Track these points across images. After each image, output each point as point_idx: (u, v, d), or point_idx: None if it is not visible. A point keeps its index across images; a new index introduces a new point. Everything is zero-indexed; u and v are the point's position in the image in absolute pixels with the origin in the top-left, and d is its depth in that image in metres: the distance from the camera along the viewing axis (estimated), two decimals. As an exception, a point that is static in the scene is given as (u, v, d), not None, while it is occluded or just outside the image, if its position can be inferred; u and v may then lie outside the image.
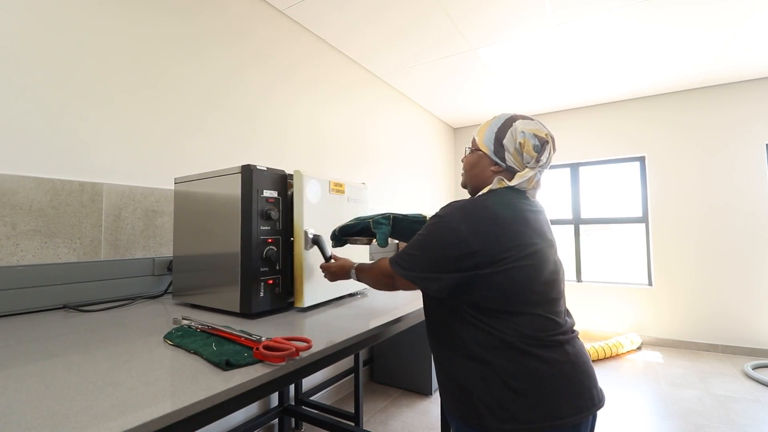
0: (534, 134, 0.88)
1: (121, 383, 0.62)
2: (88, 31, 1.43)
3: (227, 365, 0.69)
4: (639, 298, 3.75)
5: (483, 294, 0.81)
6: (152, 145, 1.61)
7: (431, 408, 2.42)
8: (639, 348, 3.53)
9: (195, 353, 0.77)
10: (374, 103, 3.20)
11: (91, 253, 1.39)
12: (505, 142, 0.90)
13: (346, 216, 1.34)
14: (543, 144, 0.88)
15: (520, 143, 0.88)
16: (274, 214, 1.12)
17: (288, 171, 1.23)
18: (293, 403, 2.14)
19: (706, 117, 3.55)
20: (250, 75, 2.07)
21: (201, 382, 0.63)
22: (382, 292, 1.57)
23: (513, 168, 0.90)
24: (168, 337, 0.87)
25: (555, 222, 4.27)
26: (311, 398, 2.24)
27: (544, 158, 0.88)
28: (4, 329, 0.99)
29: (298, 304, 1.18)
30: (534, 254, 0.83)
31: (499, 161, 0.90)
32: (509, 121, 0.91)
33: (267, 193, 1.12)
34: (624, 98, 3.87)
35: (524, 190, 0.91)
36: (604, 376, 2.92)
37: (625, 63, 3.04)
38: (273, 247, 1.12)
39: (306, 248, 1.19)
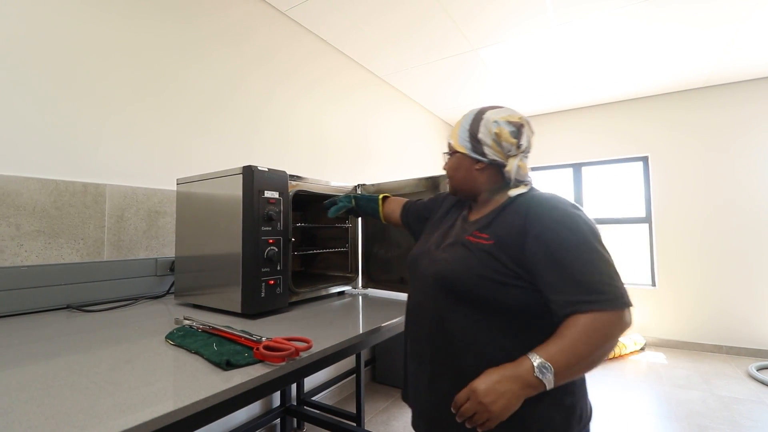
0: (507, 121, 0.82)
1: (123, 383, 0.63)
2: (91, 35, 1.44)
3: (227, 365, 0.70)
4: (642, 298, 3.73)
5: None
6: (155, 147, 1.62)
7: (433, 408, 2.42)
8: (642, 349, 3.52)
9: (196, 353, 0.78)
10: (376, 104, 3.21)
11: (94, 254, 1.40)
12: (480, 136, 0.84)
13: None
14: (519, 128, 0.82)
15: (496, 133, 0.82)
16: (275, 214, 1.12)
17: (290, 172, 1.23)
18: (295, 403, 2.15)
19: (710, 116, 3.53)
20: (252, 77, 2.08)
21: (201, 381, 0.64)
22: (382, 291, 1.57)
23: (496, 161, 0.83)
24: (169, 337, 0.88)
25: (557, 222, 4.26)
26: (313, 398, 2.24)
27: (524, 143, 0.82)
28: (7, 329, 1.00)
29: None
30: None
31: (480, 157, 0.85)
32: (479, 115, 0.86)
33: (268, 194, 1.12)
34: (627, 98, 3.85)
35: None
36: (606, 377, 2.91)
37: (627, 62, 3.03)
38: (274, 248, 1.12)
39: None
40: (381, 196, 1.25)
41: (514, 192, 0.81)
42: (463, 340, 0.77)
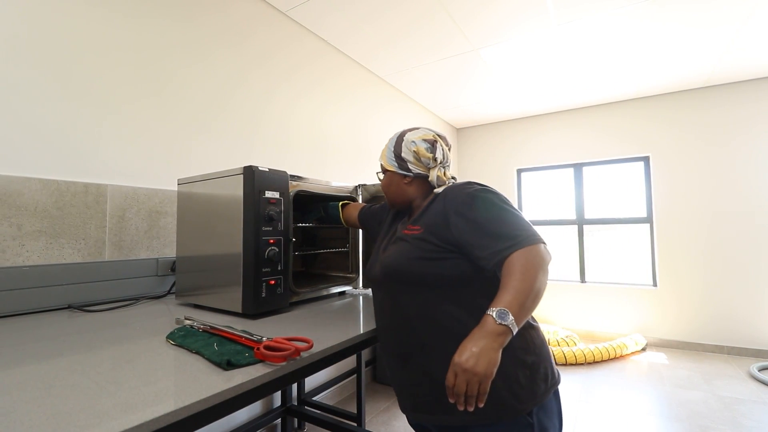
0: (422, 139, 0.98)
1: (124, 383, 0.63)
2: (92, 34, 1.44)
3: (228, 365, 0.70)
4: (643, 298, 3.72)
5: None
6: (156, 147, 1.62)
7: (434, 409, 2.41)
8: (643, 349, 3.51)
9: (197, 353, 0.78)
10: (376, 104, 3.21)
11: (96, 254, 1.40)
12: (403, 155, 0.99)
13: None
14: (433, 144, 0.98)
15: (414, 151, 0.97)
16: (275, 214, 1.12)
17: (290, 172, 1.23)
18: (296, 403, 2.15)
19: (711, 116, 3.53)
20: (252, 77, 2.08)
21: (202, 381, 0.64)
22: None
23: (420, 174, 0.98)
24: (170, 337, 0.88)
25: (559, 222, 4.26)
26: (314, 398, 2.25)
27: (439, 155, 0.97)
28: (9, 329, 1.01)
29: None
30: None
31: (405, 173, 0.99)
32: (400, 137, 1.01)
33: (269, 194, 1.12)
34: (628, 98, 3.85)
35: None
36: (608, 377, 2.91)
37: (628, 62, 3.02)
38: (275, 248, 1.12)
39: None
40: (341, 203, 1.41)
41: (438, 190, 0.96)
42: (420, 320, 0.86)
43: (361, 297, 1.47)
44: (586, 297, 3.98)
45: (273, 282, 1.12)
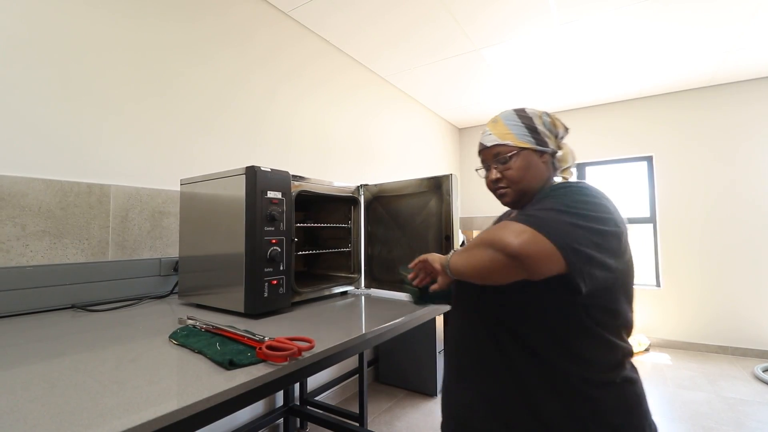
0: (545, 112, 0.86)
1: (127, 382, 0.63)
2: (95, 35, 1.45)
3: (230, 365, 0.70)
4: (647, 299, 3.71)
5: (614, 295, 0.69)
6: (159, 148, 1.63)
7: (435, 409, 2.42)
8: (647, 350, 3.50)
9: (199, 353, 0.78)
10: (378, 104, 3.21)
11: (99, 254, 1.41)
12: (539, 128, 0.83)
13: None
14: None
15: (550, 122, 0.84)
16: (278, 214, 1.13)
17: (293, 172, 1.23)
18: (298, 403, 2.15)
19: (715, 116, 3.51)
20: (255, 77, 2.09)
21: (204, 381, 0.64)
22: (384, 291, 1.56)
23: (552, 150, 0.83)
24: (173, 336, 0.88)
25: (561, 222, 4.24)
26: (316, 398, 2.25)
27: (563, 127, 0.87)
28: (13, 329, 1.01)
29: None
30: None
31: (544, 149, 0.82)
32: (521, 112, 0.85)
33: (271, 194, 1.13)
34: (631, 97, 3.83)
35: None
36: (610, 378, 2.89)
37: (631, 61, 3.01)
38: (277, 248, 1.13)
39: None
40: None
41: (555, 180, 0.83)
42: (492, 338, 0.76)
43: (362, 297, 1.47)
44: (588, 297, 3.96)
45: (275, 282, 1.12)
